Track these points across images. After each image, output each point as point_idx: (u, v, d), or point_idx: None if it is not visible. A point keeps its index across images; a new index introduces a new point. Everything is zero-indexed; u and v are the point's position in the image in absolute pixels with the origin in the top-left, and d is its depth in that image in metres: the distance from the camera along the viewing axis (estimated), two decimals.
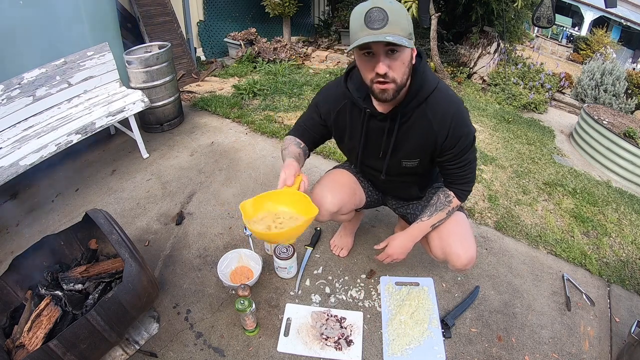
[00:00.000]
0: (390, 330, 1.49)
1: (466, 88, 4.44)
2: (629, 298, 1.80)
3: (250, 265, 1.71)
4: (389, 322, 1.53)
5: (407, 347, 1.43)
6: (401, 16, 0.97)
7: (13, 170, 1.86)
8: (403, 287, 1.67)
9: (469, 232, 1.38)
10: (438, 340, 1.46)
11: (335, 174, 1.55)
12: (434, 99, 1.15)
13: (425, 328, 1.50)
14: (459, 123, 1.16)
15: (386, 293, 1.65)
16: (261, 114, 3.23)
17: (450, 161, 1.24)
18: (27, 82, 2.10)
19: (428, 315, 1.55)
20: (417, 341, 1.45)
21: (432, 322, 1.53)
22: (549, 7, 3.72)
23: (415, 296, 1.62)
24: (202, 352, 1.40)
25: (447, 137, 1.17)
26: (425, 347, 1.44)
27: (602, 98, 4.43)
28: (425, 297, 1.62)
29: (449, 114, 1.15)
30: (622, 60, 9.49)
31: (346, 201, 1.47)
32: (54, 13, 2.59)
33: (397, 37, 0.95)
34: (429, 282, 1.70)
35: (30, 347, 1.20)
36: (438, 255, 1.39)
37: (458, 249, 1.31)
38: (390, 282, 1.70)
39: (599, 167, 3.14)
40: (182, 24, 4.08)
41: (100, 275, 1.43)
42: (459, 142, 1.18)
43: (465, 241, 1.33)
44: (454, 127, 1.16)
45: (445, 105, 1.15)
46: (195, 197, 2.21)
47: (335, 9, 6.28)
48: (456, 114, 1.15)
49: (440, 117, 1.15)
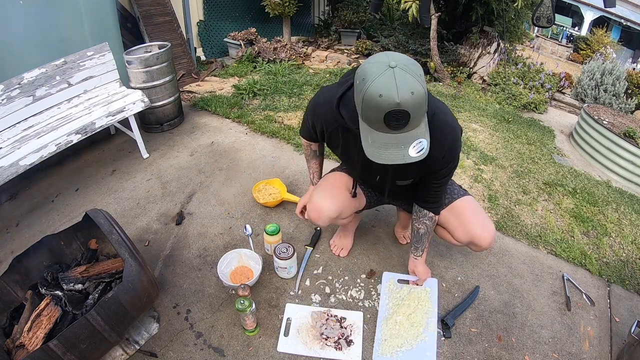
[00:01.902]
0: (385, 329, 1.47)
1: (466, 88, 4.44)
2: (629, 298, 1.80)
3: (250, 265, 1.71)
4: (385, 320, 1.50)
5: (398, 349, 1.40)
6: (423, 105, 0.91)
7: (13, 170, 1.86)
8: (405, 286, 1.64)
9: (483, 212, 1.46)
10: (431, 345, 1.42)
11: (334, 178, 1.54)
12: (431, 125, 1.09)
13: (420, 332, 1.46)
14: (452, 152, 1.19)
15: (387, 290, 1.63)
16: (261, 114, 3.23)
17: (432, 180, 1.30)
18: (27, 82, 2.10)
19: (426, 319, 1.51)
20: (409, 344, 1.42)
21: (429, 327, 1.48)
22: (549, 7, 3.72)
23: (416, 297, 1.59)
24: (202, 352, 1.40)
25: (439, 162, 1.20)
26: (417, 351, 1.40)
27: (602, 98, 4.43)
28: (426, 298, 1.59)
29: (445, 142, 1.15)
30: (622, 60, 9.48)
31: (346, 205, 1.48)
32: (54, 13, 2.59)
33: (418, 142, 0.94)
34: (433, 283, 1.65)
35: (30, 347, 1.20)
36: (463, 239, 1.44)
37: (482, 231, 1.39)
38: (393, 279, 1.67)
39: (599, 167, 3.14)
40: (182, 24, 4.08)
41: (100, 275, 1.43)
42: (447, 166, 1.23)
43: (485, 222, 1.41)
44: (447, 154, 1.18)
45: (442, 134, 1.13)
46: (195, 197, 2.21)
47: (335, 9, 6.28)
48: (452, 145, 1.17)
49: (436, 144, 1.10)
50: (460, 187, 1.53)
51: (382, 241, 1.93)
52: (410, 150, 0.94)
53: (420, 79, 0.89)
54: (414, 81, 0.87)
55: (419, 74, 0.90)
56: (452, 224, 1.46)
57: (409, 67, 0.89)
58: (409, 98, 0.87)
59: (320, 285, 1.68)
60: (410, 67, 0.89)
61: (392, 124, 0.91)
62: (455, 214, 1.44)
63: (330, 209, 1.42)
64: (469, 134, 3.23)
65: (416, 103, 0.88)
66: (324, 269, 1.76)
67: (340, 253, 1.83)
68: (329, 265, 1.79)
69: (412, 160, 0.95)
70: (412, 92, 0.87)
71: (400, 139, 0.94)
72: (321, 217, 1.44)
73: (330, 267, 1.78)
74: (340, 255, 1.82)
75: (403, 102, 0.86)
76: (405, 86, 0.86)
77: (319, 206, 1.43)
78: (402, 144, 0.94)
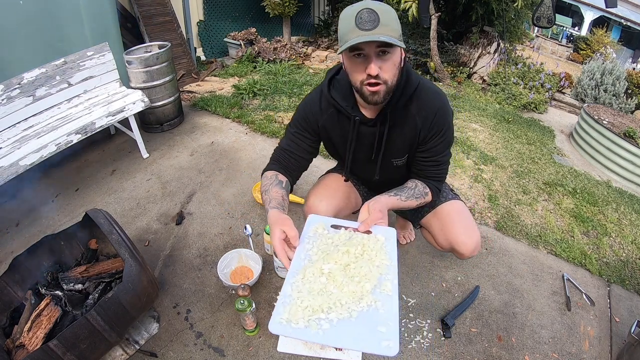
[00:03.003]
0: (299, 283, 0.90)
1: (466, 88, 4.44)
2: (629, 298, 1.80)
3: (250, 265, 1.71)
4: (302, 271, 0.93)
5: (321, 315, 0.83)
6: (392, 18, 0.97)
7: (13, 170, 1.86)
8: (342, 231, 1.07)
9: (470, 219, 1.39)
10: (389, 316, 0.84)
11: (329, 180, 1.53)
12: (417, 95, 1.16)
13: (367, 291, 0.88)
14: (442, 115, 1.17)
15: (311, 234, 1.06)
16: (261, 113, 3.23)
17: (426, 159, 1.24)
18: (27, 82, 2.10)
19: (377, 275, 0.92)
20: (345, 309, 0.84)
21: (384, 285, 0.90)
22: (549, 7, 3.72)
23: (360, 242, 1.00)
24: (202, 352, 1.40)
25: (429, 129, 1.18)
26: (358, 321, 0.83)
27: (602, 98, 4.43)
28: (378, 248, 1.00)
29: (433, 107, 1.16)
30: (622, 60, 9.49)
31: (342, 207, 1.46)
32: (54, 13, 2.59)
33: (389, 38, 0.94)
34: (390, 233, 1.05)
35: (30, 347, 1.20)
36: (444, 245, 1.39)
37: (463, 237, 1.33)
38: (323, 222, 1.10)
39: (599, 167, 3.14)
40: (182, 23, 4.08)
41: (100, 275, 1.43)
42: (438, 135, 1.19)
43: (469, 229, 1.35)
44: (437, 119, 1.17)
45: (429, 100, 1.16)
46: (195, 197, 2.21)
47: (335, 9, 6.28)
48: (441, 108, 1.17)
49: (425, 111, 1.16)
50: (451, 190, 1.48)
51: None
52: (378, 37, 0.95)
53: None
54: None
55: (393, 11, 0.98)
56: (434, 228, 1.41)
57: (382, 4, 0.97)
58: (377, 3, 0.96)
59: None
60: (384, 5, 0.97)
61: (364, 25, 0.94)
62: (439, 218, 1.39)
63: (326, 211, 1.39)
64: (469, 133, 3.23)
65: (385, 10, 0.95)
66: None
67: None
68: None
69: (385, 40, 0.94)
70: (379, 3, 0.96)
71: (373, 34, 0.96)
72: None
73: None
74: None
75: (371, 4, 0.95)
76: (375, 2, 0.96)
77: (314, 208, 1.41)
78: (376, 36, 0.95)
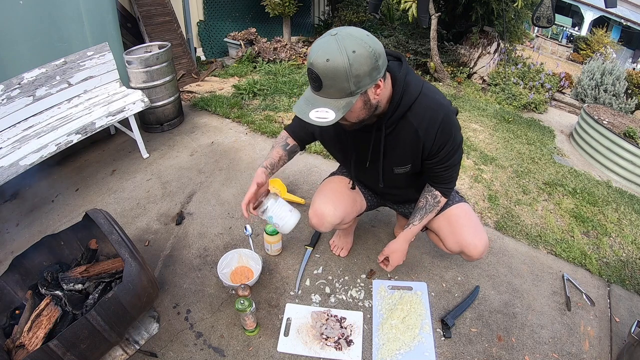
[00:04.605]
0: (381, 334, 1.48)
1: (466, 88, 4.44)
2: (629, 298, 1.80)
3: (250, 265, 1.71)
4: (380, 326, 1.51)
5: (397, 352, 1.41)
6: (338, 77, 0.91)
7: (13, 170, 1.86)
8: (396, 292, 1.65)
9: (477, 221, 1.42)
10: (429, 346, 1.44)
11: (335, 183, 1.52)
12: (418, 105, 1.11)
13: (416, 333, 1.48)
14: (446, 128, 1.14)
15: (378, 297, 1.63)
16: (261, 114, 3.23)
17: (437, 165, 1.24)
18: (27, 82, 2.10)
19: (420, 321, 1.52)
20: (407, 346, 1.43)
21: (424, 328, 1.50)
22: (549, 7, 3.72)
23: (408, 300, 1.60)
24: (202, 352, 1.40)
25: (434, 142, 1.16)
26: (415, 352, 1.42)
27: (602, 98, 4.43)
28: (418, 302, 1.60)
29: (436, 120, 1.12)
30: (622, 60, 9.50)
31: (349, 211, 1.47)
32: (54, 13, 2.59)
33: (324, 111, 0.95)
34: (423, 287, 1.68)
35: (30, 347, 1.20)
36: (453, 248, 1.41)
37: (473, 240, 1.35)
38: (383, 285, 1.68)
39: (599, 167, 3.14)
40: (182, 24, 4.08)
41: (100, 275, 1.43)
42: (445, 146, 1.17)
43: (478, 231, 1.37)
44: (441, 132, 1.14)
45: (432, 112, 1.12)
46: (195, 197, 2.21)
47: (335, 9, 6.28)
48: (444, 120, 1.12)
49: (427, 123, 1.12)
50: (457, 193, 1.49)
51: (382, 241, 1.93)
52: (311, 112, 0.96)
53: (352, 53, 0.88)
54: (339, 52, 0.88)
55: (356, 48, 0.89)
56: (443, 232, 1.43)
57: (346, 38, 0.89)
58: (322, 63, 0.90)
59: (320, 285, 1.68)
60: (348, 39, 0.89)
61: (309, 82, 0.96)
62: (448, 221, 1.41)
63: (333, 215, 1.40)
64: (469, 134, 3.23)
65: (328, 71, 0.90)
66: (324, 269, 1.76)
67: (340, 253, 1.83)
68: (329, 265, 1.79)
69: (309, 120, 0.96)
70: (327, 59, 0.89)
71: (312, 99, 0.98)
72: (324, 224, 1.42)
73: (330, 267, 1.78)
74: (341, 255, 1.82)
75: (315, 64, 0.91)
76: (326, 53, 0.89)
77: (320, 212, 1.40)
78: (311, 103, 0.98)
